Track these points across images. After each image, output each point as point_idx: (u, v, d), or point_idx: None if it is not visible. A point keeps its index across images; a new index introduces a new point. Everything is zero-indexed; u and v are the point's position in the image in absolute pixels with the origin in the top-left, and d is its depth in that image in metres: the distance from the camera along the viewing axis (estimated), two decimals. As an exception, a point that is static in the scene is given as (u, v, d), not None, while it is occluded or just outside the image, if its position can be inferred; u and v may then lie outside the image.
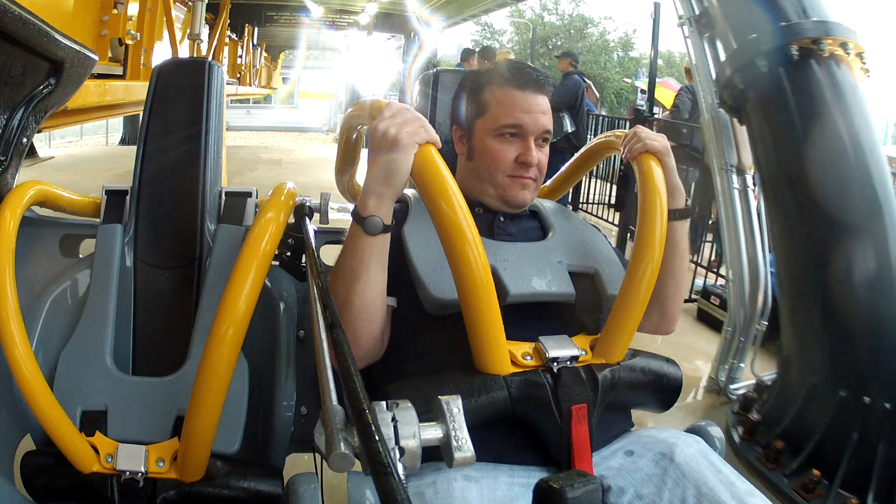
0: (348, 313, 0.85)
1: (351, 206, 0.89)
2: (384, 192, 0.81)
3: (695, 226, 4.07)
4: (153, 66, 2.77)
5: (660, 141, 0.98)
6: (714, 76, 2.07)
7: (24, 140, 1.04)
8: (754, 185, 2.13)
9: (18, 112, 0.99)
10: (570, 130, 4.63)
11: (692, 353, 2.79)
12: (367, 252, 0.83)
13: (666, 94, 9.20)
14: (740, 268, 2.20)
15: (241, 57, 7.60)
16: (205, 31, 5.09)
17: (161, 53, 3.15)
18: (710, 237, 4.09)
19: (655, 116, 4.31)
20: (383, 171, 0.80)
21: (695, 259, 3.71)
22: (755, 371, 2.21)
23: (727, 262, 2.26)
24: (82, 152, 9.58)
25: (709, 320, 3.08)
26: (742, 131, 2.07)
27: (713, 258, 3.91)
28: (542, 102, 1.01)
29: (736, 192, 2.16)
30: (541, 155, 1.02)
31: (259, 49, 8.94)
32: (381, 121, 0.80)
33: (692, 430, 0.95)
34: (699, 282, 3.37)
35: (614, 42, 23.53)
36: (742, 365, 2.29)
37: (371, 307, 0.86)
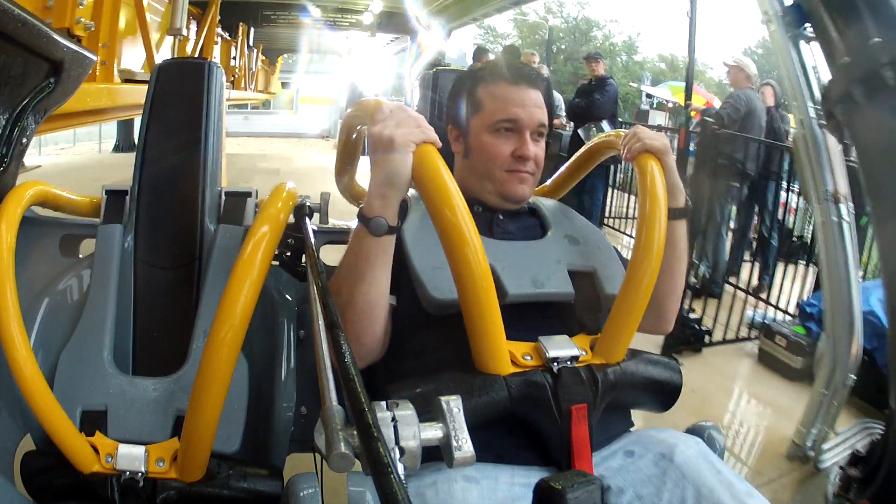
0: (351, 313, 0.85)
1: (345, 217, 0.89)
2: (387, 193, 0.81)
3: (738, 246, 3.84)
4: (120, 65, 2.35)
5: (659, 140, 0.98)
6: (805, 86, 1.76)
7: (24, 140, 1.04)
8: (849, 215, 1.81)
9: (18, 112, 0.99)
10: None
11: (760, 405, 2.40)
12: (373, 253, 0.83)
13: (693, 98, 8.94)
14: (843, 319, 1.79)
15: (234, 58, 6.97)
16: (192, 28, 4.54)
17: (131, 51, 2.85)
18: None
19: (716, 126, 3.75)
20: (384, 172, 0.80)
21: (739, 284, 3.41)
22: (835, 428, 1.93)
23: (826, 309, 1.87)
24: (71, 161, 9.23)
25: (773, 364, 2.67)
26: (837, 154, 1.79)
27: (757, 283, 3.59)
28: (536, 97, 1.02)
29: (835, 226, 1.79)
30: (537, 149, 1.02)
31: (255, 51, 8.46)
32: (377, 123, 0.80)
33: (692, 431, 0.95)
34: (750, 314, 3.03)
35: (619, 46, 23.45)
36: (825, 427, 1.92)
37: (375, 307, 0.86)
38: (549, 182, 1.31)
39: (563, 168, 1.29)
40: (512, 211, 1.05)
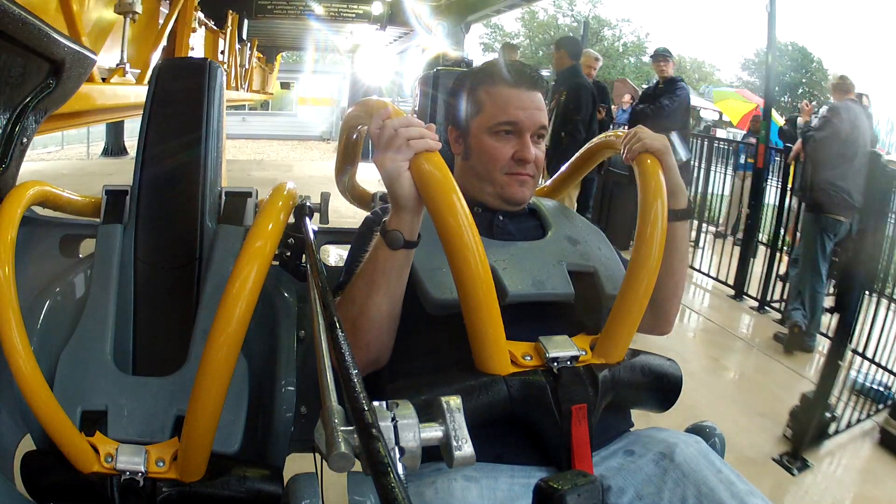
0: (363, 322, 0.86)
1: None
2: (399, 210, 0.82)
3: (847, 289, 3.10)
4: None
5: (660, 140, 0.98)
6: None
7: (24, 140, 1.04)
8: None
9: (18, 112, 0.99)
10: (684, 159, 3.64)
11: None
12: (388, 265, 0.84)
13: (739, 105, 7.73)
14: None
15: (223, 53, 6.00)
16: (162, 11, 3.55)
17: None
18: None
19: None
20: (390, 193, 0.81)
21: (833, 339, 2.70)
22: None
23: None
24: (53, 167, 8.52)
25: (896, 447, 2.27)
26: None
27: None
28: (537, 99, 1.02)
29: None
30: (537, 151, 1.02)
31: (249, 46, 7.46)
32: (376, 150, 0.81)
33: (692, 430, 0.95)
34: (853, 376, 2.53)
35: (629, 45, 23.25)
36: None
37: (387, 318, 0.87)
38: (548, 182, 1.31)
39: (563, 168, 1.29)
40: (512, 212, 1.05)
